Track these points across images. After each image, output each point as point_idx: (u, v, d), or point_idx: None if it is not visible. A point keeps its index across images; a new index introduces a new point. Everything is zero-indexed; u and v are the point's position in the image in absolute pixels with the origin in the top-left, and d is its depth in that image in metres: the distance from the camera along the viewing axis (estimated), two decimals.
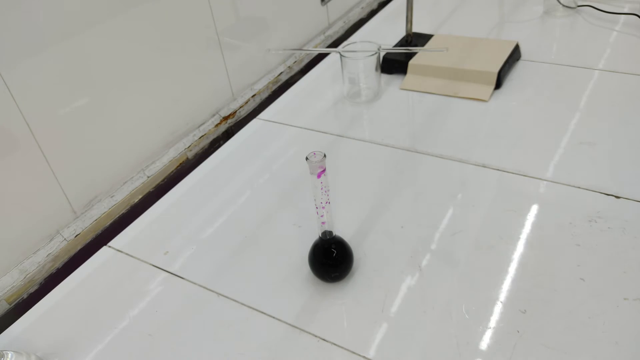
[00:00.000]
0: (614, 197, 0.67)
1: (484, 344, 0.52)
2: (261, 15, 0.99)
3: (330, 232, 0.59)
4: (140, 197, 0.81)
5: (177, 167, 0.87)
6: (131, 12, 0.72)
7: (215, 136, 0.93)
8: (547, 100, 0.88)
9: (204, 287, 0.63)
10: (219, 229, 0.71)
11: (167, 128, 0.84)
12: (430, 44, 1.02)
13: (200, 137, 0.90)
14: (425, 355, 0.52)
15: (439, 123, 0.86)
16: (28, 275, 0.67)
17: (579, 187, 0.69)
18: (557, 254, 0.61)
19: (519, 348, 0.52)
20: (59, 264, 0.71)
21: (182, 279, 0.64)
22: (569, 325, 0.53)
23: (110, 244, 0.71)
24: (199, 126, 0.90)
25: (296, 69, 1.11)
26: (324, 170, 0.53)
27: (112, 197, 0.76)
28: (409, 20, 1.01)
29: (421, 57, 0.98)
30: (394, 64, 1.00)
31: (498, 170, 0.74)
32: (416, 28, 1.06)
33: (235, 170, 0.82)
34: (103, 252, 0.70)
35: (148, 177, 0.82)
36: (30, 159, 0.65)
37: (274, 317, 0.58)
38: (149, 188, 0.82)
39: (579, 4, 1.15)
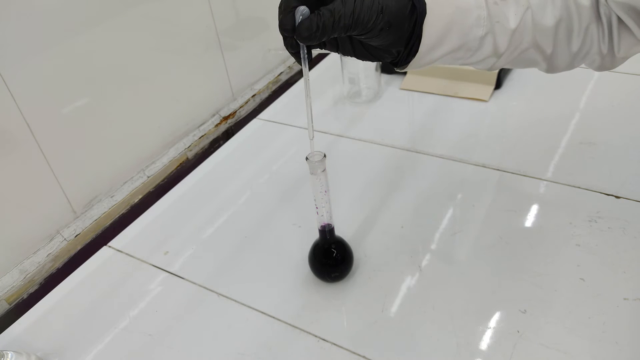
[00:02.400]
0: (614, 197, 0.67)
1: (484, 344, 0.52)
2: (261, 15, 0.99)
3: (331, 232, 0.59)
4: (140, 197, 0.81)
5: (177, 167, 0.87)
6: (131, 12, 0.72)
7: (215, 136, 0.93)
8: (547, 100, 0.88)
9: (204, 287, 0.63)
10: (219, 229, 0.71)
11: (167, 128, 0.84)
12: None
13: (200, 137, 0.90)
14: (425, 355, 0.52)
15: (439, 123, 0.86)
16: (28, 275, 0.67)
17: (579, 187, 0.69)
18: (557, 254, 0.61)
19: (519, 348, 0.52)
20: (59, 264, 0.71)
21: (182, 279, 0.64)
22: (569, 325, 0.53)
23: (110, 244, 0.71)
24: (199, 126, 0.90)
25: (296, 69, 1.11)
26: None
27: (112, 197, 0.76)
28: None
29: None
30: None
31: (498, 170, 0.74)
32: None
33: (235, 170, 0.82)
34: (103, 252, 0.70)
35: (148, 177, 0.81)
36: (30, 159, 0.65)
37: (274, 317, 0.58)
38: (149, 188, 0.82)
39: None
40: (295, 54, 0.46)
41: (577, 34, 0.49)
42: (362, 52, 0.48)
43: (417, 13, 0.44)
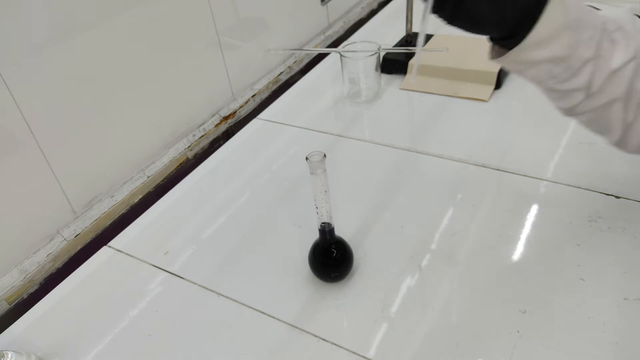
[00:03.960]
0: (614, 197, 0.67)
1: (484, 344, 0.52)
2: (261, 15, 0.99)
3: (331, 232, 0.59)
4: (140, 197, 0.81)
5: (177, 167, 0.87)
6: (131, 12, 0.72)
7: (215, 136, 0.93)
8: (547, 100, 0.87)
9: (204, 287, 0.63)
10: (219, 229, 0.71)
11: (167, 128, 0.84)
12: (430, 44, 1.02)
13: (200, 137, 0.90)
14: (425, 355, 0.52)
15: (439, 123, 0.86)
16: (28, 275, 0.67)
17: (579, 187, 0.69)
18: (557, 254, 0.61)
19: (519, 348, 0.52)
20: (59, 264, 0.71)
21: (182, 279, 0.64)
22: (569, 325, 0.53)
23: (110, 244, 0.71)
24: (199, 126, 0.90)
25: (296, 69, 1.11)
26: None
27: (112, 197, 0.76)
28: (409, 20, 1.01)
29: (421, 57, 0.98)
30: (394, 64, 1.00)
31: (498, 170, 0.74)
32: (416, 28, 1.06)
33: (235, 170, 0.82)
34: (103, 252, 0.70)
35: (148, 177, 0.82)
36: (30, 159, 0.65)
37: (274, 317, 0.58)
38: (149, 188, 0.82)
39: None
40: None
41: None
42: (463, 16, 0.46)
43: None
